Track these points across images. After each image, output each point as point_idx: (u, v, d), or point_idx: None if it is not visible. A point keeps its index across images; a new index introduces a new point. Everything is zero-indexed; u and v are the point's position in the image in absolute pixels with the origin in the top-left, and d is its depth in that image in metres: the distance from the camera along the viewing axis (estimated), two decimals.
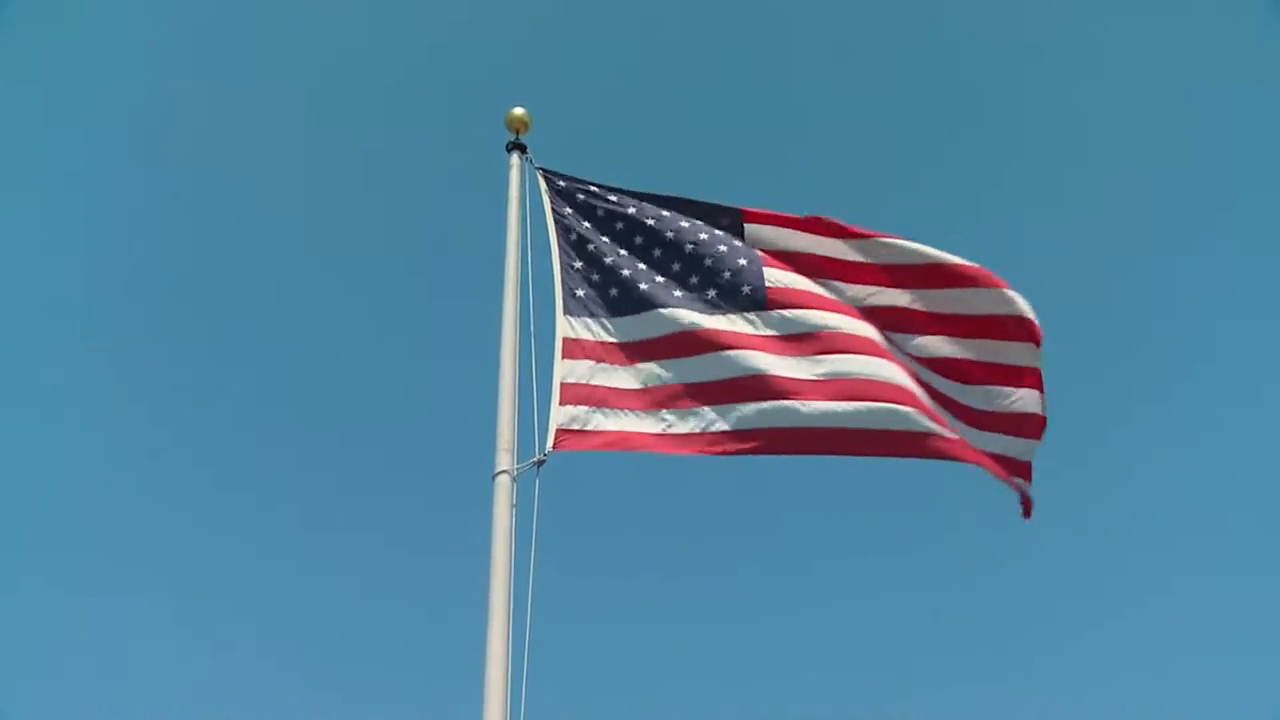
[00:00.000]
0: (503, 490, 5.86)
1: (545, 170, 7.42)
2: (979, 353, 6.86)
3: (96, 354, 19.05)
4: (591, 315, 6.76)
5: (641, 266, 6.98)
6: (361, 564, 18.90)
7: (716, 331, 6.66)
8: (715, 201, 7.24)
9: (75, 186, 18.83)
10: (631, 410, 6.43)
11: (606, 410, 6.39)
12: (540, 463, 6.03)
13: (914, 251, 6.95)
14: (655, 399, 6.50)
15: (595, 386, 6.46)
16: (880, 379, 6.53)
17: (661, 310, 6.74)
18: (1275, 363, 18.50)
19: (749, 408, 6.41)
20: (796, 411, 6.38)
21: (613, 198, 7.27)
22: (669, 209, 7.24)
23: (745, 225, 7.16)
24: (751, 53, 22.74)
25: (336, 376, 20.78)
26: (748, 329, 6.72)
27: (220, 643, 16.85)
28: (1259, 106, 18.57)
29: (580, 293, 6.84)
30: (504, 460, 5.97)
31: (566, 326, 6.62)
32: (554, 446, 6.12)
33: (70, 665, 15.84)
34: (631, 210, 7.20)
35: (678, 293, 6.85)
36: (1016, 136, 22.09)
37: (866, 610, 18.19)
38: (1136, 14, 20.08)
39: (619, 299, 6.85)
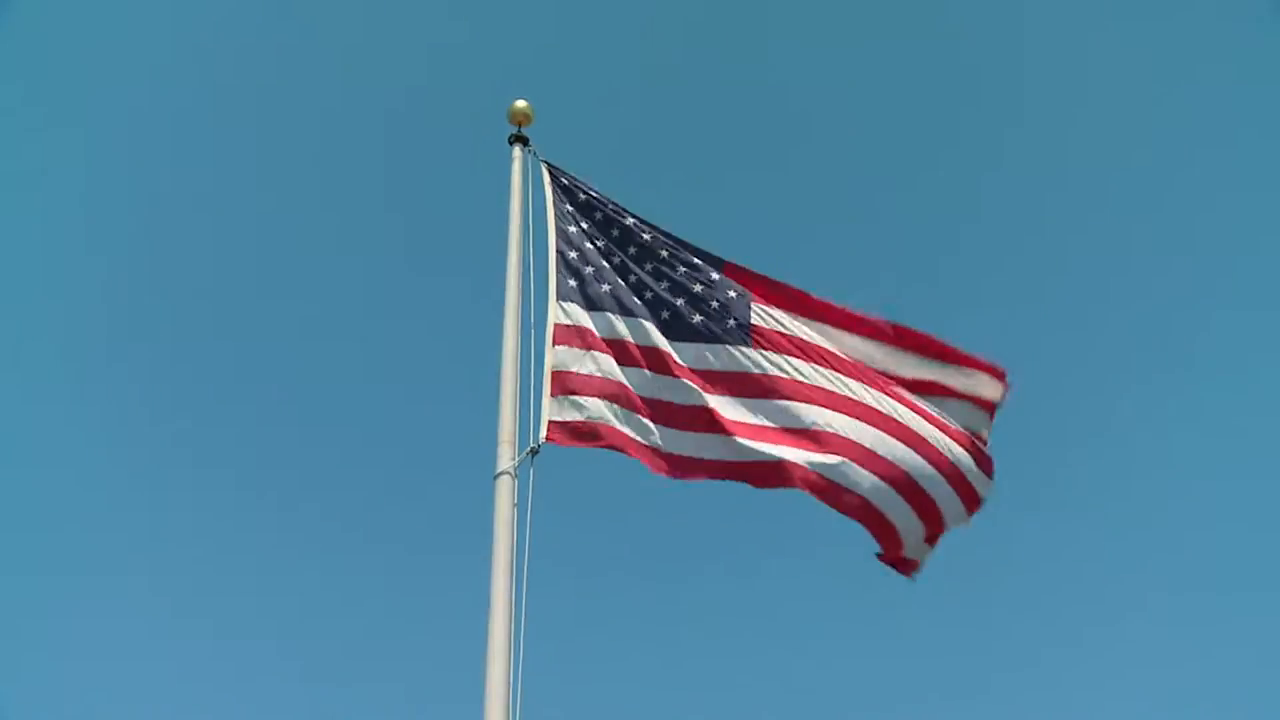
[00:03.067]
0: (504, 487, 5.79)
1: (550, 164, 7.37)
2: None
3: (93, 351, 19.00)
4: (582, 306, 6.68)
5: (632, 278, 6.95)
6: (362, 561, 18.91)
7: (690, 368, 6.73)
8: (704, 248, 7.16)
9: (77, 185, 18.76)
10: (619, 409, 6.41)
11: (594, 403, 6.33)
12: (534, 452, 5.97)
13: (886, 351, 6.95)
14: (637, 405, 6.50)
15: (586, 377, 6.38)
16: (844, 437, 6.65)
17: (646, 324, 6.75)
18: (1267, 366, 18.58)
19: (706, 438, 6.52)
20: (738, 447, 6.50)
21: (611, 205, 7.23)
22: (659, 234, 7.19)
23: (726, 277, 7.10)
24: (754, 47, 22.70)
25: (337, 371, 20.76)
26: (724, 365, 6.78)
27: (220, 639, 16.89)
28: (1259, 106, 18.59)
29: (573, 282, 6.76)
30: (505, 455, 5.89)
31: (559, 313, 6.52)
32: (547, 438, 6.05)
33: (71, 665, 15.85)
34: (629, 221, 7.17)
35: (664, 315, 6.85)
36: (1015, 136, 22.09)
37: (865, 610, 18.24)
38: (1136, 13, 20.07)
39: (609, 297, 6.80)
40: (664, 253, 7.10)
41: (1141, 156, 20.90)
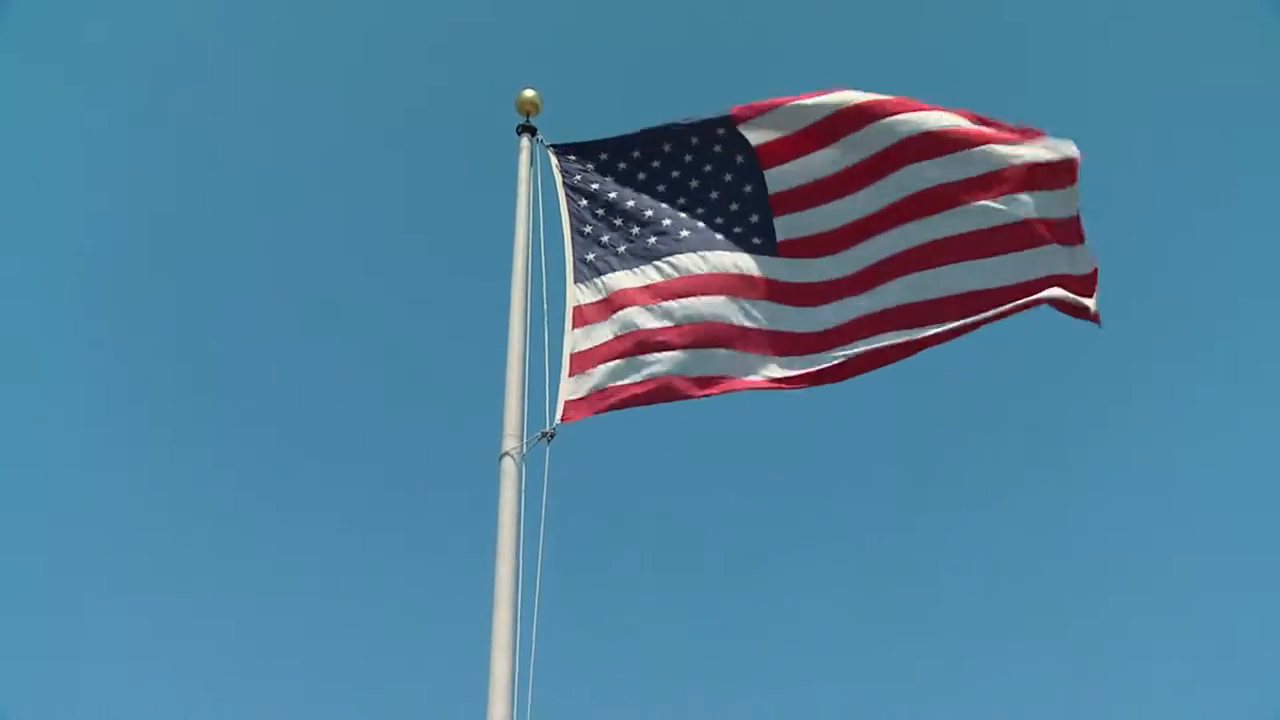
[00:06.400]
0: (508, 472, 5.68)
1: (556, 145, 7.29)
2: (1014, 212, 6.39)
3: (96, 346, 18.93)
4: (600, 273, 6.60)
5: (664, 205, 6.83)
6: (367, 550, 18.72)
7: (724, 275, 6.57)
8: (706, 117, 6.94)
9: (80, 177, 18.69)
10: (633, 360, 6.29)
11: (605, 368, 6.23)
12: (549, 436, 5.86)
13: (924, 121, 6.51)
14: (655, 344, 6.36)
15: (601, 346, 6.29)
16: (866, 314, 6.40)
17: (678, 253, 6.61)
18: (1272, 360, 18.56)
19: (736, 355, 6.39)
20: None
21: (621, 159, 7.11)
22: (671, 141, 7.03)
23: (740, 129, 6.81)
24: (761, 39, 22.68)
25: (347, 362, 20.58)
26: (753, 270, 6.60)
27: (221, 633, 16.73)
28: (1259, 106, 18.61)
29: (591, 256, 6.68)
30: (510, 442, 5.78)
31: (577, 294, 6.47)
32: (562, 418, 5.97)
33: (72, 664, 15.73)
34: (642, 162, 7.06)
35: (700, 225, 6.71)
36: None
37: (877, 601, 18.11)
38: (1135, 13, 20.12)
39: (635, 243, 6.69)
40: (675, 173, 6.94)
41: (1140, 156, 20.93)
